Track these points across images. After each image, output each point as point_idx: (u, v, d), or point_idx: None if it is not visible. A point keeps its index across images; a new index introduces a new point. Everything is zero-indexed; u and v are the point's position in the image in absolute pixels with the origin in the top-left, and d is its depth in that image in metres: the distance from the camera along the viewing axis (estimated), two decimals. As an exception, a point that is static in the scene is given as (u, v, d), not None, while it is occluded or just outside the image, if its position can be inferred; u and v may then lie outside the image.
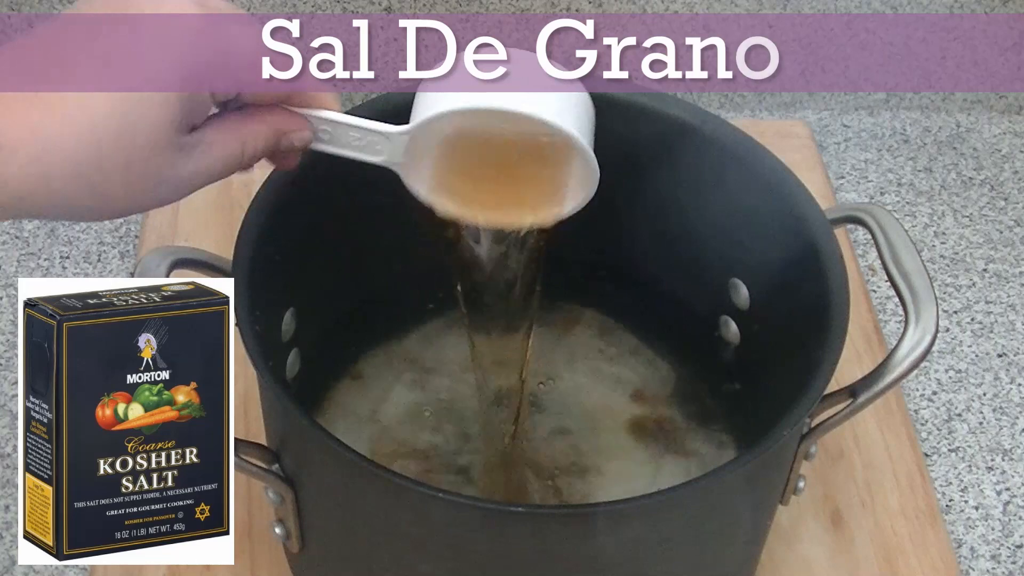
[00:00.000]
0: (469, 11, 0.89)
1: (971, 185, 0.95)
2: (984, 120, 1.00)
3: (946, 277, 0.89)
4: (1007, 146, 0.99)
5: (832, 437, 0.73)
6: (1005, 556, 0.73)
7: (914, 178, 0.96)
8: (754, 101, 0.99)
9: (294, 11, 0.89)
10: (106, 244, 0.87)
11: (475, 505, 0.53)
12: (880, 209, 0.64)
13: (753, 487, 0.59)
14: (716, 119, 0.67)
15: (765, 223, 0.65)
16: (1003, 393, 0.82)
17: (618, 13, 0.91)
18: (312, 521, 0.60)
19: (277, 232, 0.61)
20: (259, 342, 0.56)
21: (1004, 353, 0.84)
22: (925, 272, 0.61)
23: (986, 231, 0.92)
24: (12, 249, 0.86)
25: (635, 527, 0.55)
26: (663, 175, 0.69)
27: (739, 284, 0.69)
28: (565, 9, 0.90)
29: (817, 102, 1.00)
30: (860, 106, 1.00)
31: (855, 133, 0.99)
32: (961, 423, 0.80)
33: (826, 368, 0.56)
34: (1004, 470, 0.77)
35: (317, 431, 0.54)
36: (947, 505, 0.76)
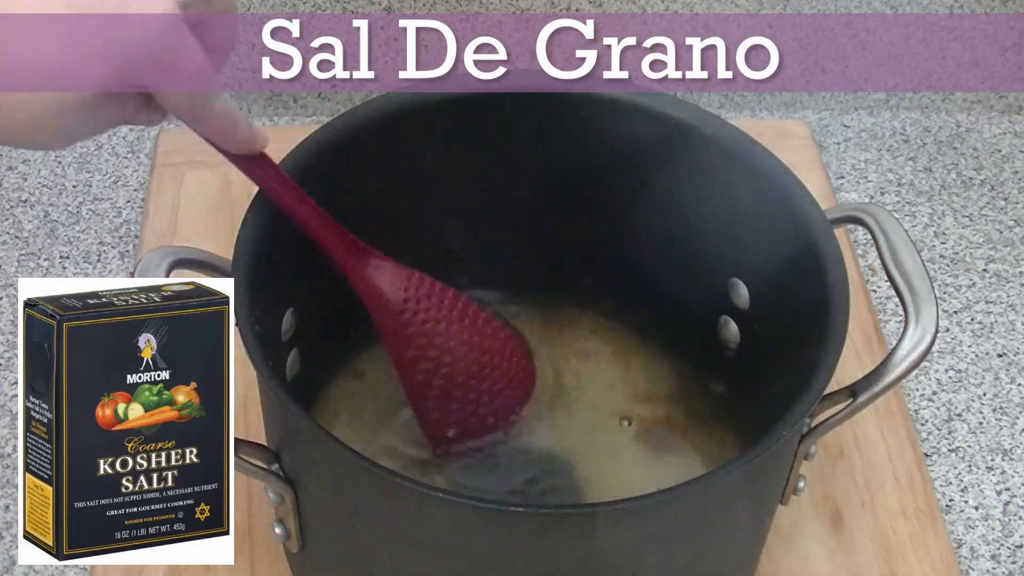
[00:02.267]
0: (469, 11, 0.89)
1: (971, 185, 0.95)
2: (984, 120, 1.00)
3: (946, 277, 0.89)
4: (1007, 146, 0.99)
5: (832, 437, 0.73)
6: (1005, 556, 0.73)
7: (914, 178, 0.96)
8: (754, 101, 0.99)
9: (294, 11, 0.89)
10: (106, 244, 0.87)
11: (475, 505, 0.53)
12: (880, 209, 0.64)
13: (753, 487, 0.59)
14: (716, 119, 0.67)
15: (765, 223, 0.65)
16: (1003, 393, 0.82)
17: (618, 13, 0.91)
18: (312, 521, 0.60)
19: (277, 232, 0.61)
20: (259, 342, 0.56)
21: (1004, 353, 0.84)
22: (925, 272, 0.61)
23: (986, 231, 0.92)
24: (12, 249, 0.86)
25: (635, 527, 0.55)
26: (663, 175, 0.69)
27: (739, 284, 0.69)
28: (565, 9, 0.90)
29: (817, 102, 1.00)
30: (860, 106, 1.00)
31: (855, 133, 0.99)
32: (961, 423, 0.80)
33: (826, 368, 0.56)
34: (1004, 470, 0.77)
35: (317, 431, 0.54)
36: (947, 505, 0.76)
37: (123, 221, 0.88)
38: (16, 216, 0.88)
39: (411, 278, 0.65)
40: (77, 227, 0.88)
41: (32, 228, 0.88)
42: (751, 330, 0.70)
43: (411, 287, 0.65)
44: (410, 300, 0.64)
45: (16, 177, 0.91)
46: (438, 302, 0.65)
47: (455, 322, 0.66)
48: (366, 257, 0.63)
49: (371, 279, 0.63)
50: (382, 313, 0.64)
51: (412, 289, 0.65)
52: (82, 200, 0.90)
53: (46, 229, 0.88)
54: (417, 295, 0.65)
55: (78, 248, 0.87)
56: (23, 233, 0.87)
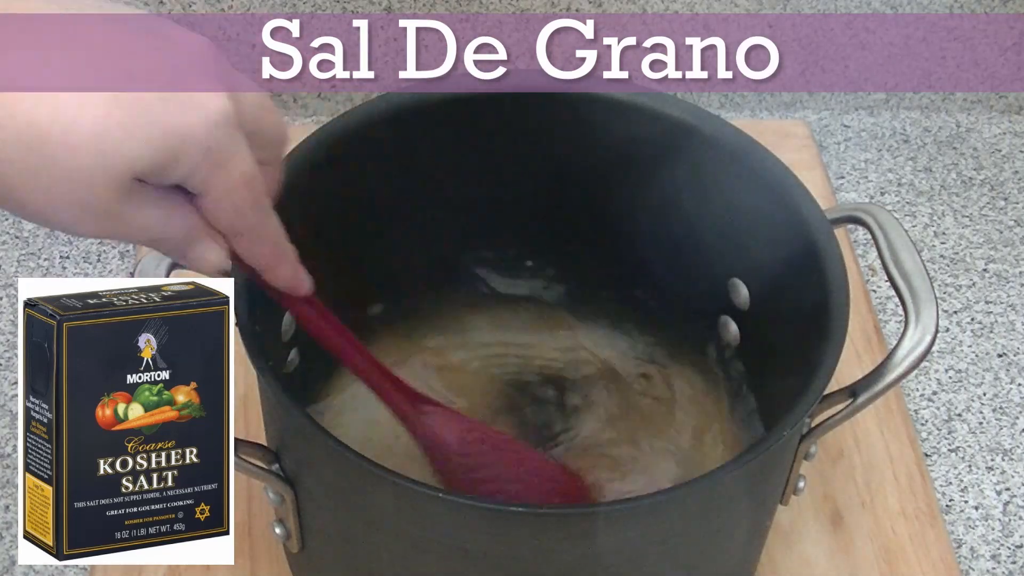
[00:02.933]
0: (469, 11, 0.89)
1: (971, 185, 0.95)
2: (984, 120, 1.00)
3: (946, 277, 0.89)
4: (1007, 146, 0.99)
5: (832, 437, 0.73)
6: (1005, 556, 0.73)
7: (914, 178, 0.96)
8: (754, 101, 0.99)
9: (294, 11, 0.89)
10: (106, 244, 0.87)
11: (475, 505, 0.53)
12: (880, 209, 0.64)
13: (753, 487, 0.59)
14: (716, 119, 0.67)
15: (765, 223, 0.65)
16: (1003, 393, 0.82)
17: (618, 13, 0.91)
18: (312, 521, 0.60)
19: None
20: (259, 342, 0.56)
21: (1004, 353, 0.84)
22: (925, 272, 0.61)
23: (986, 231, 0.92)
24: (12, 249, 0.86)
25: (635, 527, 0.55)
26: (663, 175, 0.69)
27: (739, 284, 0.69)
28: (565, 9, 0.90)
29: (817, 102, 1.00)
30: (860, 106, 1.00)
31: (855, 133, 0.99)
32: (961, 423, 0.80)
33: (826, 368, 0.56)
34: (1004, 470, 0.77)
35: (317, 431, 0.54)
36: (947, 505, 0.76)
37: (123, 221, 0.88)
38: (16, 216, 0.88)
39: (463, 423, 0.65)
40: (77, 227, 0.88)
41: (32, 228, 0.88)
42: (751, 330, 0.70)
43: (465, 434, 0.64)
44: (466, 443, 0.64)
45: (16, 177, 0.91)
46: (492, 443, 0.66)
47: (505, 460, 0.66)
48: (419, 404, 0.63)
49: (429, 427, 0.63)
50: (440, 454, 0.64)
51: (467, 434, 0.64)
52: (82, 200, 0.90)
53: (46, 229, 0.88)
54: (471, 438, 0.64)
55: (78, 248, 0.87)
56: (23, 233, 0.87)
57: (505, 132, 0.69)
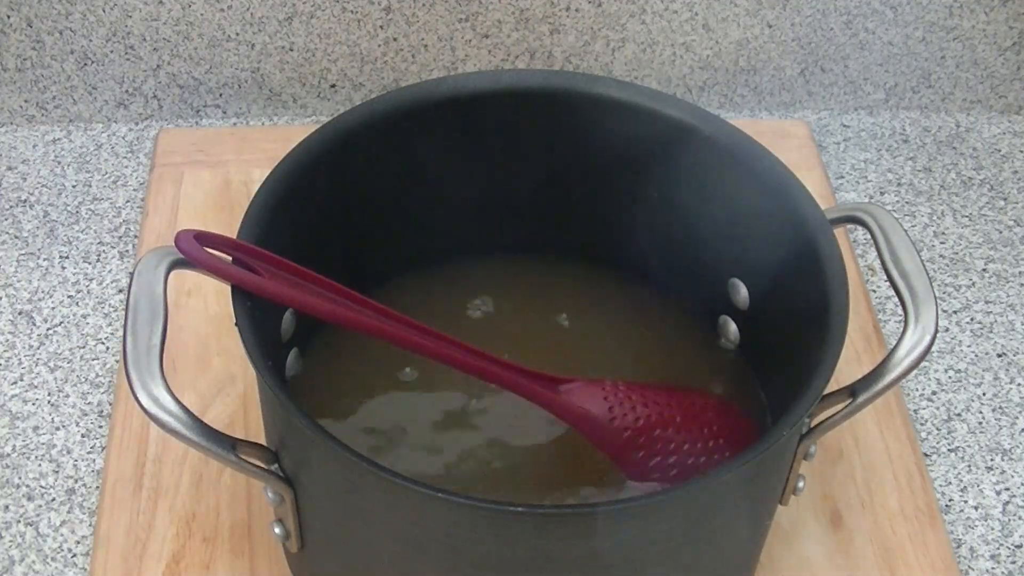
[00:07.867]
0: (469, 11, 0.89)
1: (971, 185, 0.95)
2: (984, 120, 1.01)
3: (946, 277, 0.89)
4: (1007, 146, 0.99)
5: (832, 437, 0.73)
6: (1005, 556, 0.73)
7: (914, 178, 0.96)
8: (754, 101, 0.99)
9: (294, 11, 0.89)
10: (105, 244, 0.87)
11: (475, 505, 0.53)
12: (880, 209, 0.64)
13: (752, 487, 0.59)
14: (716, 119, 0.67)
15: (765, 223, 0.65)
16: (1003, 393, 0.82)
17: (618, 13, 0.91)
18: (312, 521, 0.60)
19: (277, 232, 0.61)
20: (259, 342, 0.56)
21: (1004, 353, 0.84)
22: (925, 272, 0.61)
23: (986, 231, 0.92)
24: (12, 249, 0.86)
25: (635, 527, 0.55)
26: (663, 175, 0.69)
27: (739, 284, 0.69)
28: (565, 9, 0.90)
29: (817, 102, 1.00)
30: (860, 106, 1.00)
31: (855, 133, 0.99)
32: (961, 423, 0.80)
33: (826, 368, 0.56)
34: (1004, 470, 0.77)
35: (317, 431, 0.54)
36: (947, 505, 0.76)
37: (123, 221, 0.88)
38: (16, 216, 0.88)
39: (604, 387, 0.65)
40: (77, 227, 0.88)
41: (32, 228, 0.88)
42: (751, 330, 0.70)
43: (608, 395, 0.64)
44: (614, 407, 0.64)
45: (16, 177, 0.91)
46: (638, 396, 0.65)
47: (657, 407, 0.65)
48: (555, 386, 0.63)
49: (573, 405, 0.63)
50: (595, 428, 0.64)
51: (610, 396, 0.64)
52: (81, 200, 0.90)
53: (46, 229, 0.88)
54: (617, 399, 0.64)
55: (78, 248, 0.87)
56: (23, 233, 0.87)
57: (505, 132, 0.69)
